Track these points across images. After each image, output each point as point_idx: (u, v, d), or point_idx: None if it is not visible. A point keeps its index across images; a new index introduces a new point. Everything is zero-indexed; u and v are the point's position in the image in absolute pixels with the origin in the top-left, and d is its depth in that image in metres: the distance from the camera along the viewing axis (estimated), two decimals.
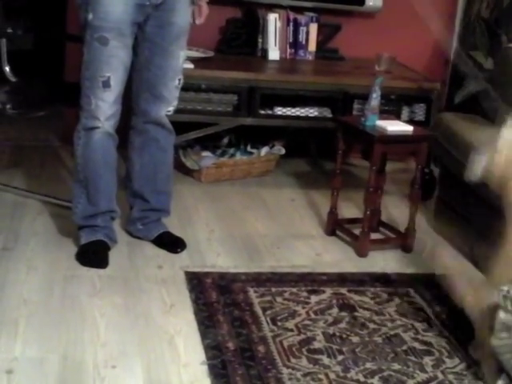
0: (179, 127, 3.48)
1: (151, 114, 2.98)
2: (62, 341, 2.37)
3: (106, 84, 2.80)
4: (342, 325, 2.62)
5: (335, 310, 2.72)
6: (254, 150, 4.12)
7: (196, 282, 2.83)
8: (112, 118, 2.87)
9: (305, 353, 2.42)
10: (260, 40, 4.24)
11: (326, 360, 2.39)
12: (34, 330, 2.42)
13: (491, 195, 2.96)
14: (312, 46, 4.28)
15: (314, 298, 2.79)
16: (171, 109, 3.00)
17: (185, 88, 3.51)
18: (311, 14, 4.26)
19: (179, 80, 2.98)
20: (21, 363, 2.24)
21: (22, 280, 2.74)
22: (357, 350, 2.48)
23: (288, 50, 4.26)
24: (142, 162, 3.07)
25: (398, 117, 3.73)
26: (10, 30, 3.41)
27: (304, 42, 4.26)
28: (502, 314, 2.21)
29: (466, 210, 3.26)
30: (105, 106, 2.83)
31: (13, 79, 3.32)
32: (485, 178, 2.33)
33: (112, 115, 2.86)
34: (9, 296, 2.61)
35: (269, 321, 2.60)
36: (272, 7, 4.22)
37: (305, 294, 2.82)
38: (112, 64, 2.79)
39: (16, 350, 2.31)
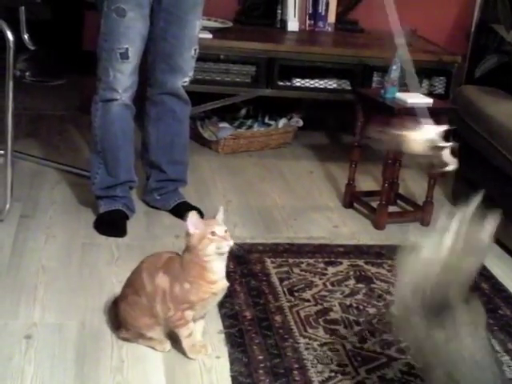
0: (197, 98, 3.47)
1: (167, 85, 2.97)
2: (80, 307, 2.39)
3: (124, 56, 2.78)
4: (359, 296, 2.62)
5: (352, 282, 2.72)
6: (271, 122, 4.10)
7: None
8: (129, 90, 2.86)
9: (321, 323, 2.43)
10: (279, 11, 4.21)
11: (342, 331, 2.40)
12: (53, 297, 2.44)
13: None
14: (332, 18, 4.25)
15: (331, 270, 2.79)
16: (187, 79, 2.99)
17: (203, 58, 3.51)
18: None
19: (195, 50, 2.96)
20: (40, 329, 2.26)
21: (41, 247, 2.76)
22: (373, 321, 2.48)
23: (307, 22, 4.22)
24: (159, 133, 3.06)
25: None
26: None
27: (323, 14, 4.23)
28: None
29: (485, 183, 3.23)
30: (123, 78, 2.82)
31: (31, 47, 3.32)
32: None
33: (130, 86, 2.85)
34: (28, 263, 2.64)
35: (286, 291, 2.60)
36: None
37: (322, 265, 2.82)
38: (130, 35, 2.78)
39: (35, 315, 2.33)
